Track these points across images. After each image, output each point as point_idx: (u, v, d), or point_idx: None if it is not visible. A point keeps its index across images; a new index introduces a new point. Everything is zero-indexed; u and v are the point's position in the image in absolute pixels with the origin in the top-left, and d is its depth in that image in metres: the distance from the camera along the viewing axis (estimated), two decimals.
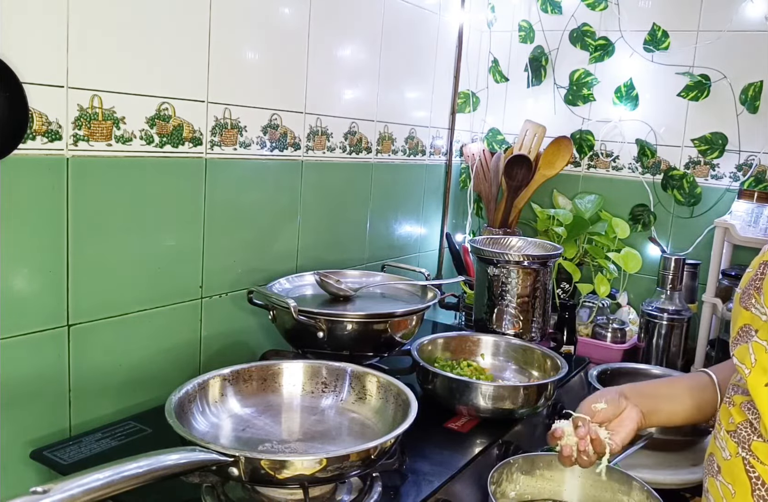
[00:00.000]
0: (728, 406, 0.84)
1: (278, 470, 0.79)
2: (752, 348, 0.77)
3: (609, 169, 2.00)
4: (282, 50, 1.37)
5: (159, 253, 1.19)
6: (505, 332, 1.49)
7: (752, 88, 1.75)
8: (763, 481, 0.76)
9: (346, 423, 1.03)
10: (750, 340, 0.78)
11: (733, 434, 0.81)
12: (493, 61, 2.09)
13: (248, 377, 1.06)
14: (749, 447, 0.78)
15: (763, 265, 0.80)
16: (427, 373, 1.22)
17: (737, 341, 0.82)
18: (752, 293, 0.80)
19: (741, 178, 1.81)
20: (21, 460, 1.03)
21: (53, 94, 0.99)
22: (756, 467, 0.77)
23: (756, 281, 0.80)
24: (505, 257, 1.47)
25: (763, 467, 0.76)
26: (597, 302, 1.85)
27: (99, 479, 0.65)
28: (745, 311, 0.81)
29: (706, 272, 1.73)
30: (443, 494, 0.98)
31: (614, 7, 1.90)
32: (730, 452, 0.81)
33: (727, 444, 0.81)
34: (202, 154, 1.24)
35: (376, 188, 1.73)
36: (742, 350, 0.79)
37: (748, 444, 0.78)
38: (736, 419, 0.81)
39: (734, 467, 0.79)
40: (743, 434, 0.79)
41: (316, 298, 1.38)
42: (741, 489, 0.78)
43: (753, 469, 0.77)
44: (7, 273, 0.98)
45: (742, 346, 0.80)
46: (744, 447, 0.78)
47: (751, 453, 0.77)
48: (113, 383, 1.15)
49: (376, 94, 1.67)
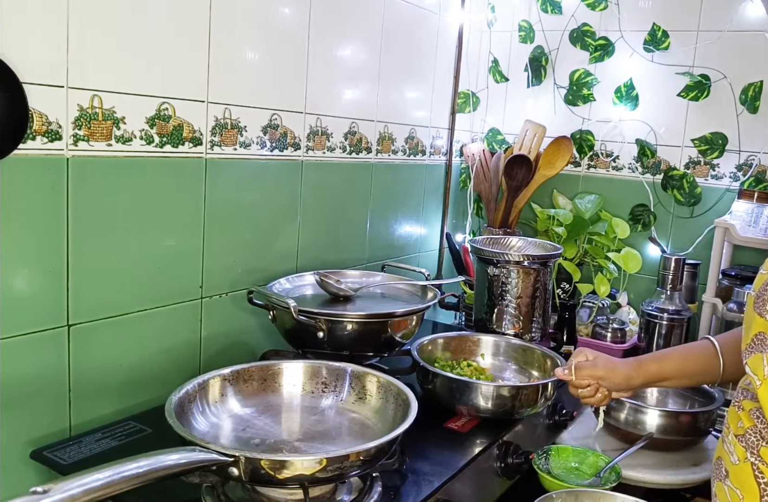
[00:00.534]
0: (737, 410, 0.83)
1: (278, 470, 0.79)
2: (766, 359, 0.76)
3: (609, 169, 2.00)
4: (282, 50, 1.37)
5: (159, 253, 1.19)
6: (505, 332, 1.49)
7: (752, 88, 1.75)
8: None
9: (346, 423, 1.03)
10: (765, 350, 0.76)
11: (742, 439, 0.80)
12: (493, 61, 2.09)
13: (248, 377, 1.06)
14: (758, 452, 0.77)
15: None
16: (427, 373, 1.22)
17: (751, 349, 0.80)
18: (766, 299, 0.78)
19: (741, 178, 1.81)
20: (21, 460, 1.03)
21: (53, 94, 0.99)
22: (765, 473, 0.76)
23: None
24: (505, 256, 1.47)
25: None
26: (597, 302, 1.85)
27: (99, 479, 0.65)
28: (759, 318, 0.79)
29: (706, 272, 1.73)
30: (443, 494, 0.98)
31: (614, 7, 1.90)
32: (738, 457, 0.79)
33: (736, 449, 0.80)
34: (202, 154, 1.24)
35: (376, 188, 1.73)
36: (755, 360, 0.78)
37: (756, 449, 0.77)
38: (745, 423, 0.80)
39: (742, 472, 0.78)
40: (752, 440, 0.78)
41: (316, 298, 1.38)
42: (749, 495, 0.77)
43: (762, 475, 0.76)
44: (7, 273, 0.98)
45: (756, 355, 0.78)
46: (753, 452, 0.77)
47: (760, 459, 0.76)
48: (113, 383, 1.15)
49: (376, 94, 1.67)
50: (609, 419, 1.41)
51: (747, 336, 0.81)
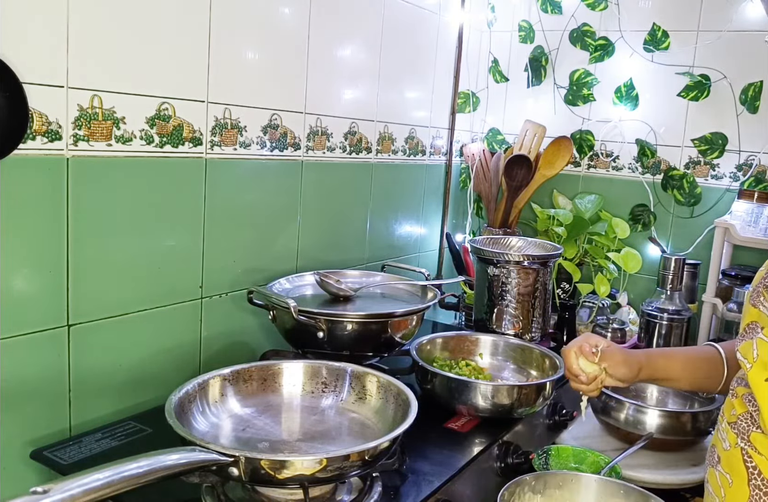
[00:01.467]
0: (731, 398, 0.86)
1: (278, 470, 0.79)
2: (756, 344, 0.78)
3: (609, 169, 2.00)
4: (282, 50, 1.37)
5: (159, 253, 1.19)
6: (505, 332, 1.49)
7: (752, 88, 1.75)
8: (759, 471, 0.78)
9: (346, 423, 1.03)
10: (755, 336, 0.80)
11: (734, 426, 0.82)
12: (493, 61, 2.09)
13: (248, 377, 1.06)
14: (748, 438, 0.79)
15: None
16: (426, 372, 1.22)
17: (743, 337, 0.84)
18: (761, 291, 0.81)
19: (741, 178, 1.81)
20: (21, 460, 1.03)
21: (53, 94, 0.99)
22: (754, 458, 0.78)
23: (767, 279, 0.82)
24: (505, 257, 1.47)
25: (760, 458, 0.78)
26: (597, 302, 1.85)
27: (99, 479, 0.65)
28: (753, 309, 0.82)
29: (706, 272, 1.74)
30: (443, 494, 0.99)
31: (614, 7, 1.90)
32: (730, 443, 0.82)
33: (728, 435, 0.83)
34: (202, 154, 1.24)
35: (376, 188, 1.73)
36: (746, 346, 0.81)
37: (747, 435, 0.80)
38: (738, 410, 0.82)
39: (733, 457, 0.81)
40: (743, 426, 0.80)
41: (316, 298, 1.38)
42: (738, 479, 0.80)
43: (750, 459, 0.79)
44: (7, 273, 0.98)
45: (746, 342, 0.81)
46: (743, 438, 0.80)
47: (750, 444, 0.79)
48: (113, 383, 1.15)
49: (376, 94, 1.67)
50: (609, 419, 1.41)
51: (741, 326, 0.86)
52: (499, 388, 1.18)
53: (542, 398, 1.21)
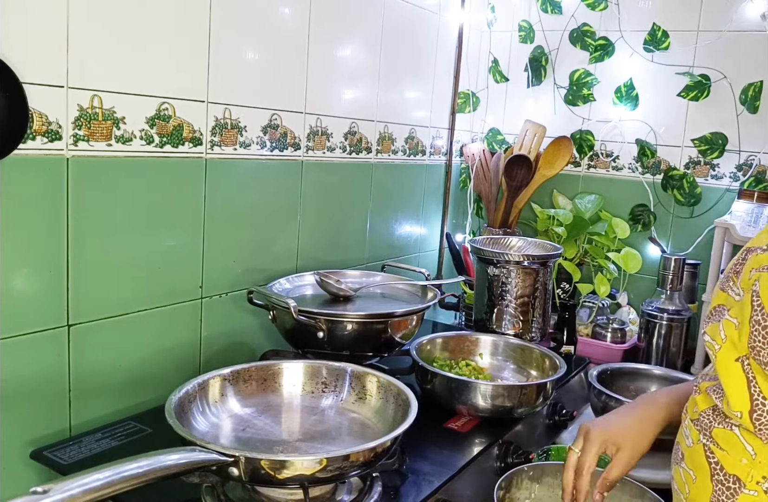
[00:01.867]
0: (695, 394, 0.87)
1: (278, 470, 0.79)
2: (722, 325, 0.80)
3: (609, 169, 2.00)
4: (282, 50, 1.37)
5: (159, 253, 1.19)
6: (505, 332, 1.49)
7: (752, 88, 1.75)
8: (722, 466, 0.78)
9: (346, 423, 1.03)
10: (722, 318, 0.81)
11: (696, 423, 0.84)
12: (493, 61, 2.09)
13: (248, 377, 1.06)
14: (710, 434, 0.80)
15: (745, 251, 0.83)
16: (425, 372, 1.22)
17: (709, 319, 0.85)
18: (731, 276, 0.83)
19: (741, 178, 1.81)
20: (21, 460, 1.03)
21: (53, 94, 0.99)
22: (715, 453, 0.79)
23: (737, 266, 0.83)
24: (505, 257, 1.47)
25: (721, 453, 0.79)
26: (597, 302, 1.85)
27: (99, 479, 0.65)
28: (721, 293, 0.84)
29: (706, 272, 1.73)
30: (443, 494, 0.99)
31: (614, 7, 1.90)
32: (692, 440, 0.83)
33: (691, 432, 0.84)
34: (202, 154, 1.24)
35: (376, 188, 1.73)
36: (713, 328, 0.82)
37: (709, 431, 0.81)
38: (700, 407, 0.84)
39: (695, 453, 0.82)
40: (705, 422, 0.82)
41: (316, 298, 1.38)
42: (701, 475, 0.81)
43: (713, 455, 0.80)
44: (7, 273, 0.98)
45: (713, 324, 0.83)
46: (705, 434, 0.81)
47: (712, 439, 0.80)
48: (113, 383, 1.15)
49: (376, 94, 1.67)
50: None
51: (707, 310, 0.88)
52: (499, 388, 1.18)
53: (542, 398, 1.21)
